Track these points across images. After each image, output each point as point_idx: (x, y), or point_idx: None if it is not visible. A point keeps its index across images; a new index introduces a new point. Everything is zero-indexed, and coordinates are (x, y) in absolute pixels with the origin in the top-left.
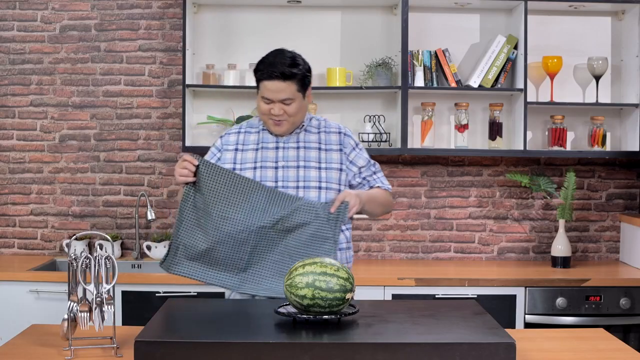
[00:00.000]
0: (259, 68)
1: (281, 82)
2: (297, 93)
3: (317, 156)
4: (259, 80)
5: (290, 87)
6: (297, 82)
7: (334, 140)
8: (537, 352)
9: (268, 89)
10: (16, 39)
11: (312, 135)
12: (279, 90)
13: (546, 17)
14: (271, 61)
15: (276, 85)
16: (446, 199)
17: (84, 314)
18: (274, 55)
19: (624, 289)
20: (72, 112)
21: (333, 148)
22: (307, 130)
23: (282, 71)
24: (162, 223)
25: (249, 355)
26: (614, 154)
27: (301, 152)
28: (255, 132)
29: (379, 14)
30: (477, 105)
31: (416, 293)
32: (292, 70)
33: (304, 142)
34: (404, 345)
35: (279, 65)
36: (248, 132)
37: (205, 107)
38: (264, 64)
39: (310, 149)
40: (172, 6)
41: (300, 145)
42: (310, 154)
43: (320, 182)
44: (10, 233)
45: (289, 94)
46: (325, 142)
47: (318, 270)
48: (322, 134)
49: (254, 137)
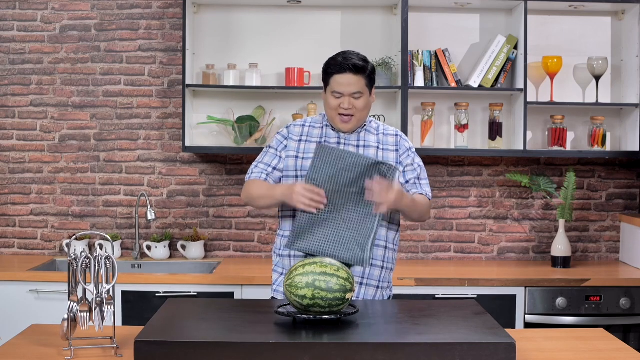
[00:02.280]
0: (330, 64)
1: (353, 75)
2: (365, 88)
3: (375, 154)
4: (329, 76)
5: (360, 81)
6: (366, 77)
7: (390, 142)
8: (537, 352)
9: (339, 82)
10: (16, 39)
11: (372, 135)
12: (350, 83)
13: (546, 17)
14: (342, 56)
15: (348, 78)
16: (446, 199)
17: (84, 314)
18: (344, 53)
19: (624, 289)
20: (72, 112)
21: (389, 148)
22: (367, 130)
23: (355, 64)
24: (162, 223)
25: (249, 355)
26: (614, 154)
27: (360, 150)
28: (319, 127)
29: (379, 14)
30: (477, 105)
31: (416, 293)
32: (363, 63)
33: (364, 141)
34: (404, 345)
35: (350, 59)
36: (313, 126)
37: (205, 107)
38: (335, 59)
39: (369, 147)
40: (172, 6)
41: (360, 144)
42: (369, 151)
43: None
44: (10, 233)
45: (359, 87)
46: (383, 142)
47: (318, 270)
48: (381, 135)
49: (317, 132)
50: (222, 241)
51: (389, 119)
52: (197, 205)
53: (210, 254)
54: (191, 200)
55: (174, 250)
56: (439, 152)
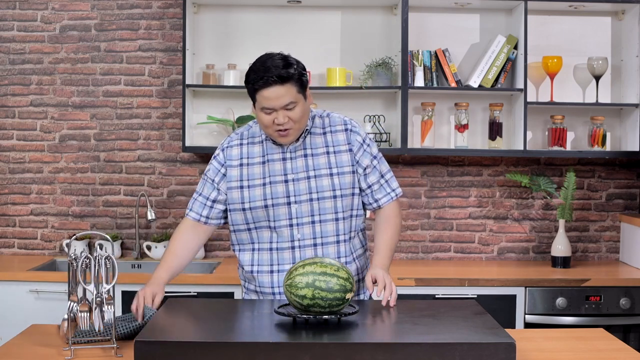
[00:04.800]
0: (251, 78)
1: (280, 87)
2: (298, 95)
3: (326, 162)
4: (254, 92)
5: (290, 90)
6: (295, 83)
7: (341, 140)
8: (537, 352)
9: (267, 97)
10: (16, 39)
11: (318, 137)
12: (279, 96)
13: (546, 17)
14: (262, 67)
15: (275, 91)
16: (446, 199)
17: (84, 314)
18: (263, 61)
19: (624, 289)
20: (72, 112)
21: (342, 149)
22: (312, 133)
23: (278, 74)
24: (162, 223)
25: (249, 355)
26: (614, 154)
27: (309, 161)
28: (258, 142)
29: (379, 14)
30: (477, 105)
31: (416, 293)
32: (288, 70)
33: (311, 149)
34: (404, 345)
35: (272, 69)
36: (251, 143)
37: (205, 107)
38: (255, 72)
39: (318, 156)
40: (172, 6)
41: (307, 153)
42: (319, 161)
43: (334, 190)
44: (10, 233)
45: (291, 97)
46: (332, 143)
47: (318, 270)
48: (328, 134)
49: (258, 149)
50: (222, 241)
51: (389, 119)
52: None
53: (210, 254)
54: None
55: None
56: (439, 152)
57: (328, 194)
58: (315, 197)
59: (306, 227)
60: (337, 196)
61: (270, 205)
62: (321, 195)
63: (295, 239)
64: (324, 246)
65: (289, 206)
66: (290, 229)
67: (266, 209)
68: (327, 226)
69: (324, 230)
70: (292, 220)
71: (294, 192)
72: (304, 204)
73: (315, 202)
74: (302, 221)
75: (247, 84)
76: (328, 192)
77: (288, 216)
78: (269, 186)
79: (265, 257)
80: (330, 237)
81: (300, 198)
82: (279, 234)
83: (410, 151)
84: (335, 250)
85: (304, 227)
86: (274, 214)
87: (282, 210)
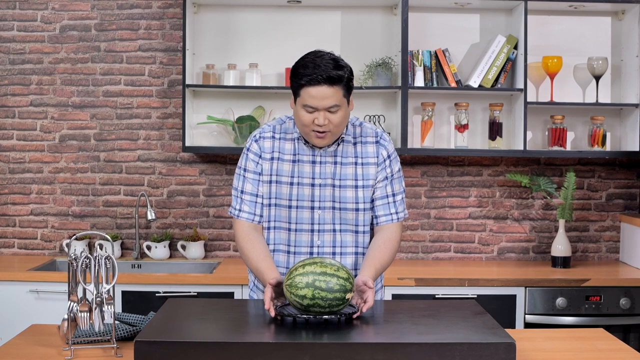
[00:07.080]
0: (299, 73)
1: (328, 88)
2: (343, 99)
3: (353, 173)
4: (299, 87)
5: (337, 93)
6: (343, 87)
7: (370, 153)
8: (537, 352)
9: (312, 95)
10: (16, 39)
11: (349, 146)
12: (325, 96)
13: (546, 17)
14: (312, 64)
15: (322, 91)
16: (446, 199)
17: (84, 314)
18: (313, 58)
19: (624, 289)
20: (72, 112)
21: (370, 162)
22: (344, 141)
23: (329, 75)
24: (162, 223)
25: (249, 355)
26: (614, 154)
27: (337, 169)
28: (290, 139)
29: (379, 14)
30: (477, 105)
31: (416, 293)
32: (339, 72)
33: (341, 157)
34: (404, 345)
35: (323, 67)
36: (283, 138)
37: (205, 107)
38: (305, 67)
39: (346, 165)
40: (172, 6)
41: (337, 161)
42: (346, 170)
43: (357, 202)
44: (10, 233)
45: (336, 100)
46: (362, 154)
47: (318, 270)
48: (359, 145)
49: (289, 146)
50: (222, 241)
51: (389, 119)
52: (197, 205)
53: (210, 254)
54: (191, 200)
55: (174, 250)
56: (439, 152)
57: (351, 205)
58: (337, 207)
59: (327, 235)
60: (360, 209)
61: (295, 207)
62: (343, 206)
63: (315, 245)
64: (342, 256)
65: (312, 211)
66: (310, 234)
67: (289, 209)
68: (346, 236)
69: (344, 240)
70: (313, 226)
71: (319, 197)
72: (327, 211)
73: (337, 212)
74: (324, 228)
75: (293, 78)
76: (351, 204)
77: (310, 221)
78: (296, 187)
79: (282, 259)
80: (349, 247)
81: (324, 205)
82: (298, 238)
83: (410, 151)
84: (352, 261)
85: (325, 235)
86: (296, 216)
87: (306, 214)
